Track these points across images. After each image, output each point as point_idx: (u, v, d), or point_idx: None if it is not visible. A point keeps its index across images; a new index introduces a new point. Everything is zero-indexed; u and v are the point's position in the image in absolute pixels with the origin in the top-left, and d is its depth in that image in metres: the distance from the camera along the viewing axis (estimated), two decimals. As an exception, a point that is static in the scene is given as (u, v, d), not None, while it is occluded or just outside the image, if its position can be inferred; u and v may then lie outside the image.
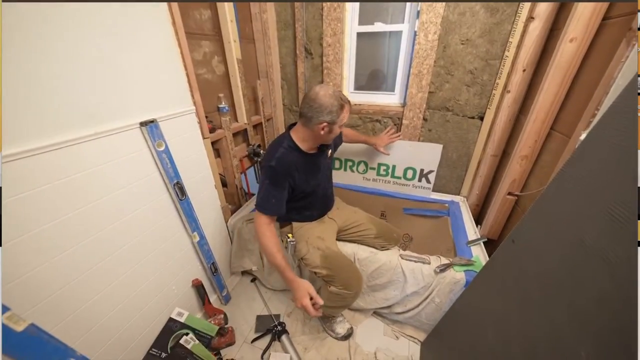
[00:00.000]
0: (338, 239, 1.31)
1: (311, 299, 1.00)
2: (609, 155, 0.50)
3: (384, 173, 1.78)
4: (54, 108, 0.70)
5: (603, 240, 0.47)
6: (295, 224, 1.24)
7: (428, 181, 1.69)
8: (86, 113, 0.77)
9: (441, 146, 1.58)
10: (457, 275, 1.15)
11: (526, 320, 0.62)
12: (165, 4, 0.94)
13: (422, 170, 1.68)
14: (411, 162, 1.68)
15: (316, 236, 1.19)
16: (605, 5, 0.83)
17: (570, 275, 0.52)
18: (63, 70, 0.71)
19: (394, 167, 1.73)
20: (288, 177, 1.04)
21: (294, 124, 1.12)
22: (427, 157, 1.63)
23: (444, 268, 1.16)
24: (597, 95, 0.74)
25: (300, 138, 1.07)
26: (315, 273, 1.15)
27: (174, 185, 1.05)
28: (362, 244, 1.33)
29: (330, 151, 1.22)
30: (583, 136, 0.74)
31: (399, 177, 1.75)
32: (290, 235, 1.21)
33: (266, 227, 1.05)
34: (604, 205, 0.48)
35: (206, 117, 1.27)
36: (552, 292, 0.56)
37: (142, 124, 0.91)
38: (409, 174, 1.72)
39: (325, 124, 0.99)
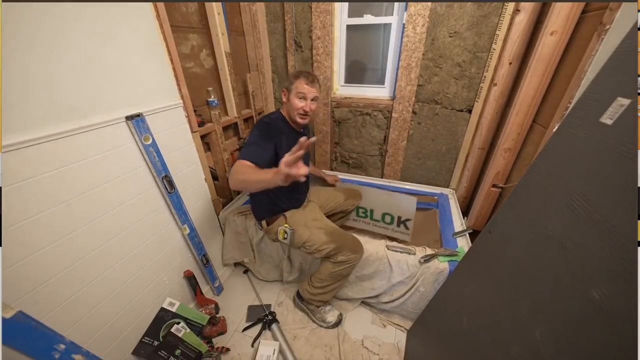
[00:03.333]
0: None
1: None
2: (573, 149, 0.52)
3: (363, 215, 1.70)
4: (35, 102, 0.71)
5: (562, 228, 0.50)
6: (287, 214, 1.28)
7: (406, 227, 1.57)
8: (69, 107, 0.78)
9: (415, 199, 1.49)
10: (441, 265, 1.18)
11: (494, 305, 0.65)
12: (148, -3, 0.94)
13: (399, 218, 1.57)
14: (388, 209, 1.59)
15: (312, 219, 1.28)
16: (586, -2, 0.84)
17: (533, 262, 0.55)
18: (44, 64, 0.71)
19: (371, 210, 1.66)
20: (276, 137, 1.11)
21: None
22: (404, 206, 1.53)
23: (428, 258, 1.19)
24: (571, 88, 0.75)
25: (285, 111, 1.21)
26: (319, 252, 1.20)
27: (162, 178, 1.07)
28: (340, 212, 1.56)
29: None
30: (555, 129, 0.76)
31: (377, 220, 1.66)
32: (286, 225, 1.25)
33: (246, 167, 0.96)
34: (566, 197, 0.50)
35: (195, 110, 1.28)
36: (517, 279, 0.59)
37: (128, 117, 0.92)
38: (387, 218, 1.63)
39: (284, 89, 1.18)
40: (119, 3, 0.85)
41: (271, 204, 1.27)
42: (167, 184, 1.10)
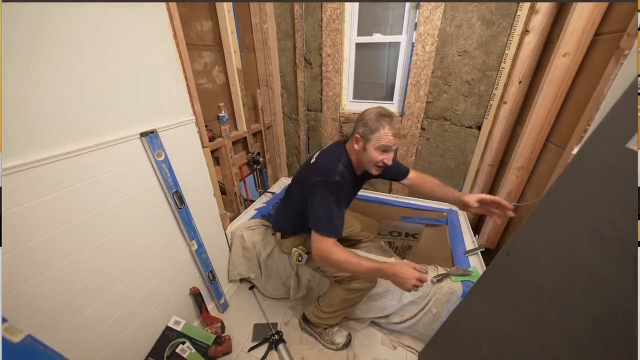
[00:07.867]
0: None
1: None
2: (598, 173, 0.51)
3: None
4: (54, 120, 0.71)
5: (593, 258, 0.48)
6: (305, 235, 1.22)
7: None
8: (87, 124, 0.78)
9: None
10: (454, 285, 1.15)
11: (520, 335, 0.63)
12: (166, 17, 0.96)
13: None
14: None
15: None
16: (597, 20, 0.85)
17: (562, 293, 0.53)
18: (64, 82, 0.72)
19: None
20: (347, 194, 0.96)
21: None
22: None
23: (441, 278, 1.16)
24: (589, 110, 0.75)
25: (355, 158, 1.03)
26: (334, 276, 1.16)
27: (172, 194, 1.06)
28: (351, 239, 1.48)
29: None
30: (575, 150, 0.75)
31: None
32: (301, 247, 1.20)
33: (337, 247, 0.92)
34: (594, 224, 0.48)
35: (206, 126, 1.29)
36: (545, 309, 0.56)
37: (143, 134, 0.93)
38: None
39: (357, 135, 0.94)
40: (137, 24, 0.87)
41: (296, 226, 1.21)
42: (178, 199, 1.09)
